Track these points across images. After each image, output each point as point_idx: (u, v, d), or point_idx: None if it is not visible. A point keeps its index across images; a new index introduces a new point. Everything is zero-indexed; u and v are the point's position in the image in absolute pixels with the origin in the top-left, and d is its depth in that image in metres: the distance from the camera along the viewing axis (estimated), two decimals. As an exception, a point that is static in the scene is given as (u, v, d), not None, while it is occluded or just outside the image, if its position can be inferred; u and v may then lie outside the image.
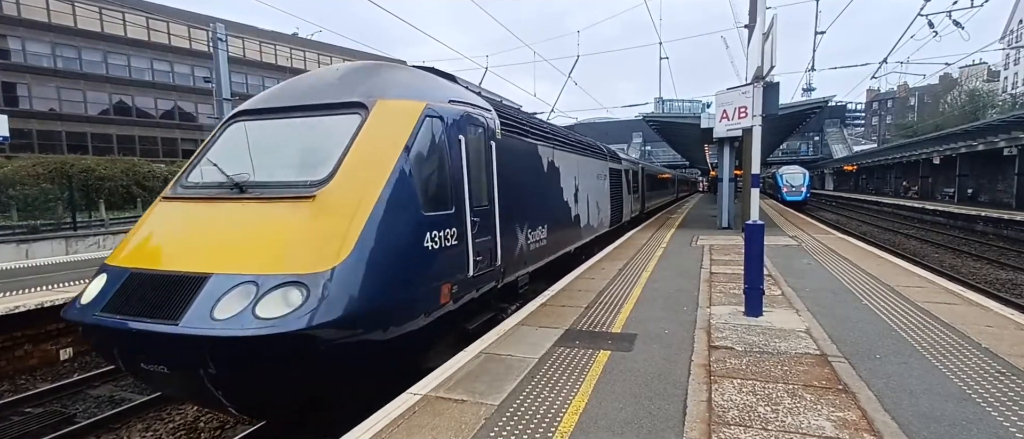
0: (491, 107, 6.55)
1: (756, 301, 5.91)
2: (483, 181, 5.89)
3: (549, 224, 8.52)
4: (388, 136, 4.64)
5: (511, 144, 6.93)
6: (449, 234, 4.99)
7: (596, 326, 5.69)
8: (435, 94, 5.43)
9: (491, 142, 6.12)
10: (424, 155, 4.85)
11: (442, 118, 5.18)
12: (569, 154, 10.22)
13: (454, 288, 5.10)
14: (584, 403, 3.71)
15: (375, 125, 4.64)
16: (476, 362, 4.61)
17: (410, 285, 4.46)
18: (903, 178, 46.02)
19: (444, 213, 4.96)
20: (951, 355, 4.48)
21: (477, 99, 6.32)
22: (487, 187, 5.97)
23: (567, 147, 10.15)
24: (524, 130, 7.66)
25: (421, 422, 3.47)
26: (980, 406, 3.48)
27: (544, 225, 8.26)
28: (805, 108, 18.70)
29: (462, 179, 5.31)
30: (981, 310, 5.99)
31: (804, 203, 32.06)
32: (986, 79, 68.04)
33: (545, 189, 8.55)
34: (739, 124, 6.27)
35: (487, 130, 6.06)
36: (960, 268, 13.78)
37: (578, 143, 11.57)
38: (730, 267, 9.27)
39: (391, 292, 4.21)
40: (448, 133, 5.21)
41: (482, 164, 5.89)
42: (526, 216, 7.36)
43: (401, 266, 4.35)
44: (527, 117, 8.57)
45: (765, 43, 5.78)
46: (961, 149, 31.47)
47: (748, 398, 3.72)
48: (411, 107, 4.95)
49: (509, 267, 6.66)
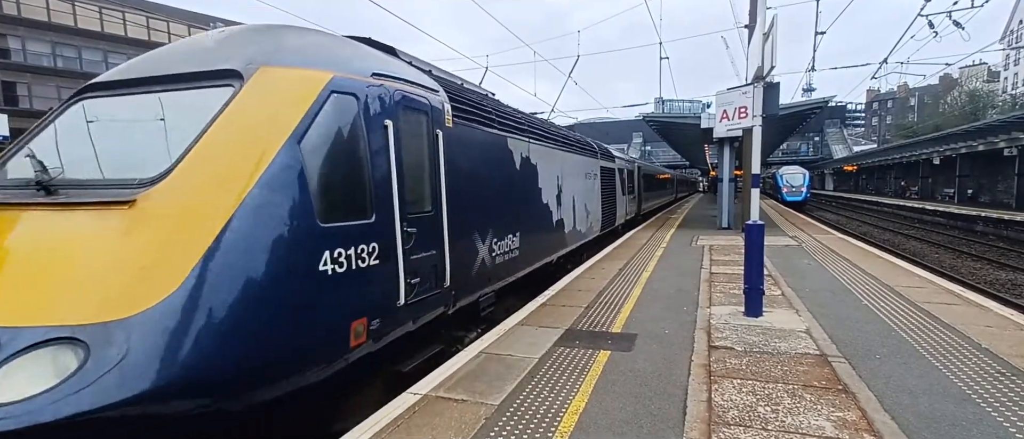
0: (439, 88, 5.29)
1: (756, 301, 5.91)
2: (425, 180, 4.72)
3: (523, 231, 7.32)
4: (268, 116, 3.40)
5: (469, 135, 5.76)
6: (365, 251, 3.79)
7: (596, 326, 5.69)
8: (351, 65, 4.12)
9: (438, 131, 4.92)
10: (325, 144, 3.59)
11: (357, 96, 3.92)
12: (551, 149, 9.02)
13: (375, 323, 3.90)
14: (584, 403, 3.71)
15: (249, 101, 3.40)
16: (476, 362, 4.61)
17: (289, 327, 3.20)
18: (903, 178, 46.03)
19: (357, 224, 3.76)
20: (951, 355, 4.48)
21: (419, 76, 5.07)
22: (431, 188, 4.81)
23: (548, 141, 8.92)
24: (488, 119, 6.41)
25: (421, 422, 3.47)
26: (980, 406, 3.48)
27: (516, 233, 7.04)
28: (805, 108, 18.71)
29: (389, 178, 4.10)
30: (981, 310, 5.99)
31: (804, 203, 32.07)
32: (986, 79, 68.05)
33: (518, 190, 7.30)
34: (739, 124, 6.27)
35: (432, 116, 4.86)
36: (960, 268, 13.77)
37: (562, 137, 10.30)
38: (730, 267, 9.27)
39: (252, 341, 2.98)
40: (367, 116, 3.97)
41: (423, 159, 4.71)
42: (491, 223, 6.18)
43: (272, 300, 3.10)
44: (494, 104, 7.23)
45: (765, 43, 5.78)
46: (961, 149, 31.49)
47: (748, 398, 3.72)
48: (309, 79, 3.68)
49: (465, 287, 5.48)
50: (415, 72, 5.10)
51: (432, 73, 5.65)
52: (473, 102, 6.13)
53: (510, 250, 6.88)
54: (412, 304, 4.38)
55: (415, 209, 4.50)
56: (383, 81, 4.33)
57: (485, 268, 6.07)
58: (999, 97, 58.00)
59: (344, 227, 3.66)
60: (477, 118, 6.05)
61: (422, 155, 4.75)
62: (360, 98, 3.97)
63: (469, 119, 5.82)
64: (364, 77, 4.13)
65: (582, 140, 12.45)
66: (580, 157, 11.23)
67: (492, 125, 6.49)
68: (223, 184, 3.12)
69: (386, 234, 4.07)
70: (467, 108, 5.82)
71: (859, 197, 46.32)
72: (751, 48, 6.19)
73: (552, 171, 8.97)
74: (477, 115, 6.08)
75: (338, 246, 3.56)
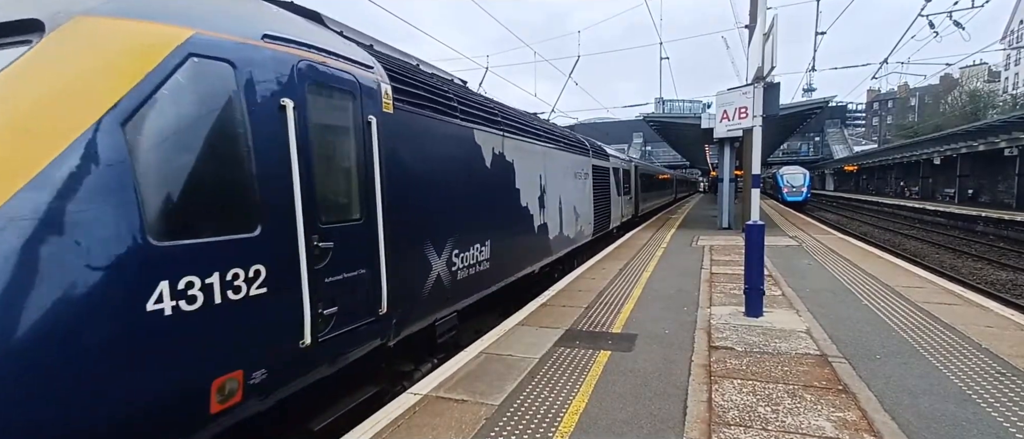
0: (375, 63, 4.24)
1: (756, 301, 5.92)
2: (351, 180, 3.76)
3: (496, 239, 6.32)
4: (71, 85, 2.41)
5: (420, 125, 4.77)
6: (242, 278, 2.85)
7: (596, 326, 5.69)
8: (227, 22, 3.05)
9: (371, 118, 3.89)
10: (172, 128, 2.64)
11: (234, 64, 2.94)
12: (532, 145, 7.98)
13: (259, 375, 2.95)
14: (584, 403, 3.71)
15: (45, 63, 2.42)
16: (477, 362, 4.62)
17: (85, 397, 2.26)
18: (903, 179, 46.03)
19: (228, 240, 2.81)
20: (951, 356, 4.48)
21: (348, 48, 4.02)
22: (361, 190, 3.82)
23: (528, 136, 7.88)
24: (446, 106, 5.35)
25: (421, 422, 3.48)
26: (980, 407, 3.48)
27: (485, 241, 6.04)
28: (806, 108, 18.71)
29: (287, 177, 3.12)
30: (981, 310, 5.99)
31: (804, 203, 32.08)
32: (987, 79, 68.05)
33: (489, 191, 6.32)
34: (739, 124, 6.27)
35: (362, 98, 3.83)
36: (960, 268, 13.77)
37: (547, 132, 9.22)
38: (730, 267, 9.27)
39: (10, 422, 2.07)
40: (251, 92, 3.00)
41: (348, 152, 3.74)
42: (451, 231, 5.22)
43: (49, 361, 2.14)
44: (458, 90, 6.12)
45: (766, 43, 5.78)
46: (962, 149, 31.49)
47: (748, 398, 3.73)
48: (151, 35, 2.67)
49: (413, 311, 4.52)
50: (344, 43, 4.05)
51: (373, 48, 4.66)
52: (426, 85, 5.09)
53: (477, 262, 5.85)
54: (328, 341, 3.41)
55: (334, 217, 3.53)
56: (281, 47, 3.25)
57: (442, 286, 5.06)
58: (999, 97, 58.01)
59: (201, 246, 2.67)
60: (432, 104, 5.04)
61: (346, 148, 3.73)
62: (239, 66, 2.95)
63: (420, 105, 4.80)
64: (249, 39, 3.07)
65: (571, 136, 11.61)
66: (568, 155, 10.32)
67: (453, 114, 5.48)
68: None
69: (281, 252, 3.07)
70: (417, 92, 4.77)
71: (860, 197, 46.31)
72: (751, 48, 6.20)
73: (533, 170, 8.00)
74: (432, 101, 5.06)
75: (187, 273, 2.57)
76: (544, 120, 10.77)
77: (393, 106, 4.31)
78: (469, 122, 5.86)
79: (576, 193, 10.78)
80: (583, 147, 11.88)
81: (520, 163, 7.37)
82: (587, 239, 11.81)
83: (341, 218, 3.66)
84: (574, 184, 10.68)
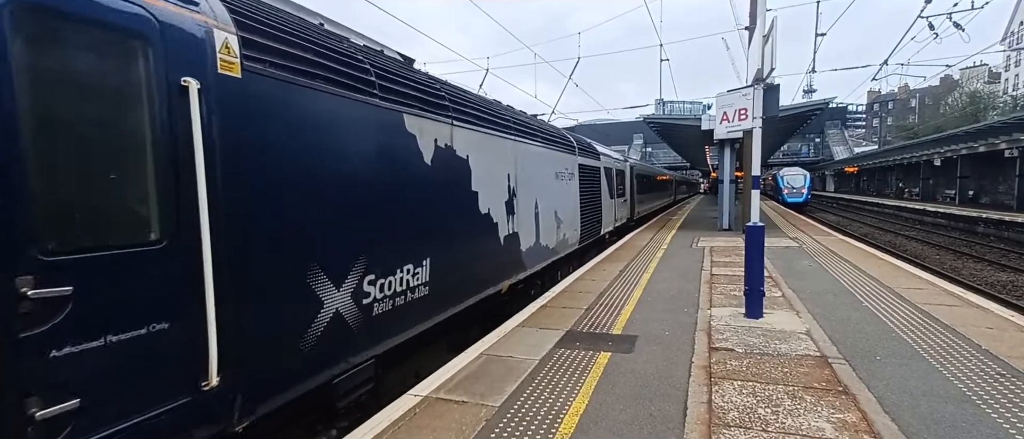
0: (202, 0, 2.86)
1: (757, 303, 5.92)
2: (141, 176, 2.47)
3: (440, 256, 5.03)
4: None
5: (298, 99, 3.36)
6: None
7: (597, 328, 5.70)
8: None
9: (187, 80, 2.58)
10: None
11: None
12: (494, 138, 6.62)
13: None
14: (585, 404, 3.72)
15: None
16: (477, 363, 4.63)
17: None
18: (903, 180, 46.03)
19: None
20: (951, 357, 4.49)
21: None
22: (162, 193, 2.52)
23: (489, 126, 6.50)
24: (353, 78, 3.97)
25: (422, 423, 3.49)
26: (980, 408, 3.49)
27: (420, 261, 4.71)
28: (806, 110, 18.72)
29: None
30: (981, 312, 5.99)
31: (805, 205, 32.11)
32: (987, 81, 68.07)
33: (426, 195, 4.95)
34: (740, 126, 6.29)
35: (162, 45, 2.51)
36: (961, 270, 13.77)
37: (519, 124, 7.85)
38: (731, 269, 9.27)
39: None
40: None
41: (134, 130, 2.44)
42: (360, 249, 3.89)
43: None
44: (382, 60, 4.71)
45: (765, 45, 5.80)
46: (962, 151, 31.49)
47: (748, 400, 3.73)
48: None
49: (284, 372, 3.21)
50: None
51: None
52: (314, 45, 3.64)
53: (409, 289, 4.51)
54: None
55: (84, 242, 2.24)
56: None
57: (345, 328, 3.69)
58: (1000, 98, 58.00)
59: None
60: (326, 73, 3.65)
61: (123, 124, 2.44)
62: None
63: (300, 71, 3.40)
64: None
65: (552, 131, 10.21)
66: (548, 151, 9.02)
67: (369, 92, 4.12)
68: None
69: None
70: (293, 51, 3.41)
71: (860, 198, 46.30)
72: (751, 50, 6.21)
73: (498, 168, 6.72)
74: (326, 68, 3.67)
75: None
76: (516, 110, 8.97)
77: (242, 67, 2.96)
78: (396, 104, 4.47)
79: (559, 196, 9.54)
80: (568, 144, 10.64)
81: (478, 160, 6.03)
82: (572, 248, 10.60)
83: (106, 242, 2.31)
84: (556, 186, 9.44)
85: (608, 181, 14.33)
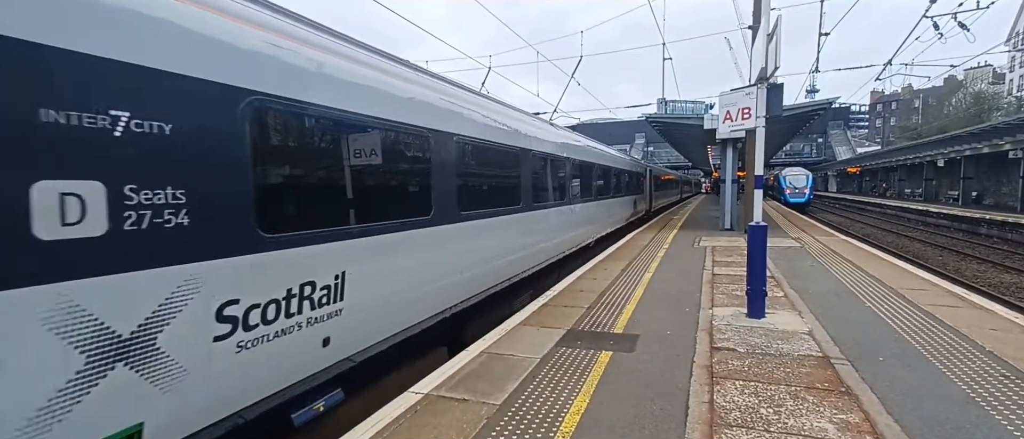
0: None
1: (759, 303, 5.90)
2: None
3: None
4: None
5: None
6: None
7: (598, 327, 5.68)
8: None
9: None
10: None
11: None
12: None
13: None
14: (586, 403, 3.71)
15: None
16: (478, 361, 4.62)
17: None
18: (906, 181, 45.87)
19: None
20: (955, 358, 4.46)
21: None
22: None
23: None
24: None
25: (423, 421, 3.48)
26: (984, 410, 3.46)
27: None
28: (809, 110, 18.62)
29: None
30: (985, 313, 5.96)
31: (807, 205, 32.00)
32: (991, 81, 67.78)
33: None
34: (742, 125, 6.26)
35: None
36: (964, 271, 13.71)
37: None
38: (733, 269, 9.24)
39: None
40: None
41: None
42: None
43: None
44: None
45: (769, 44, 5.76)
46: (966, 151, 31.35)
47: (750, 400, 3.71)
48: None
49: None
50: None
51: None
52: None
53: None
54: None
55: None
56: None
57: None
58: (1004, 99, 57.77)
59: None
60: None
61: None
62: None
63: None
64: None
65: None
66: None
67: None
68: None
69: None
70: None
71: (863, 199, 46.15)
72: (755, 49, 6.18)
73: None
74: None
75: None
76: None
77: None
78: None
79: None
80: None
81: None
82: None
83: None
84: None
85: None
